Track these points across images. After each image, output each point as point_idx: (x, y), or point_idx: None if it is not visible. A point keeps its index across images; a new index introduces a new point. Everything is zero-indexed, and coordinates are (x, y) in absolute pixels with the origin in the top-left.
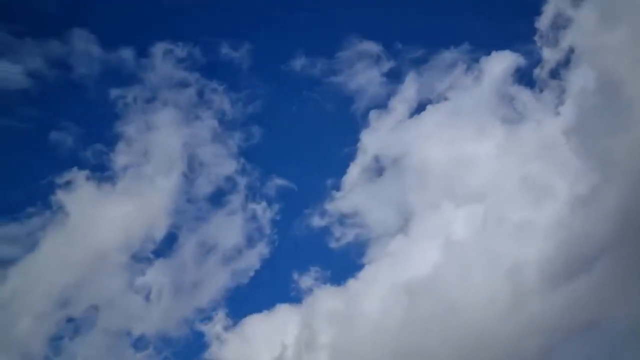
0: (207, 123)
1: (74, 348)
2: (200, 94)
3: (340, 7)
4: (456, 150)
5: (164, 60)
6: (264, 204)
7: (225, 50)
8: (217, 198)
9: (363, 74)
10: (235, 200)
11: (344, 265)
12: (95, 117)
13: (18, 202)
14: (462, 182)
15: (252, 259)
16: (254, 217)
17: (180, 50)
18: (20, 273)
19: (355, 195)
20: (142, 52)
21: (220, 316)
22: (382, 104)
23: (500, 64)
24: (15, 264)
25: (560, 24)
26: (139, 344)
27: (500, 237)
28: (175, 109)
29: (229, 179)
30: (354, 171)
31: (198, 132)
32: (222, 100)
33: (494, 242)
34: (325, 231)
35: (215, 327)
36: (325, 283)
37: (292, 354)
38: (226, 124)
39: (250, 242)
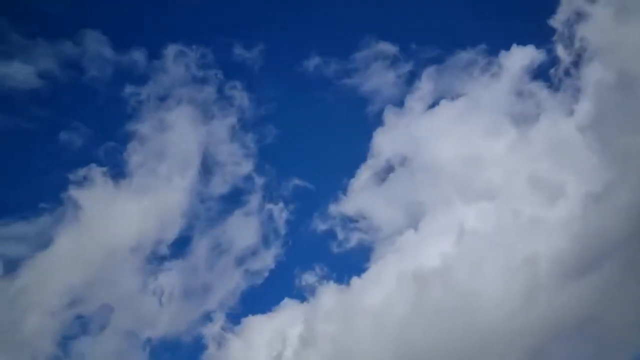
0: (221, 123)
1: (82, 347)
2: (213, 94)
3: (355, 7)
4: (470, 147)
5: (175, 62)
6: (280, 204)
7: (238, 50)
8: (232, 198)
9: (378, 75)
10: (250, 200)
11: (351, 264)
12: (106, 117)
13: (29, 202)
14: (475, 180)
15: (267, 260)
16: (268, 218)
17: (193, 52)
18: (32, 271)
19: (366, 196)
20: (154, 54)
21: (231, 316)
22: (397, 104)
23: (516, 62)
24: (26, 263)
25: (576, 21)
26: (149, 345)
27: (511, 234)
28: (188, 109)
29: (242, 179)
30: (366, 172)
31: (212, 132)
32: (236, 100)
33: (505, 239)
34: (337, 230)
35: (226, 327)
36: (335, 281)
37: (300, 350)
38: (240, 124)
39: (265, 242)
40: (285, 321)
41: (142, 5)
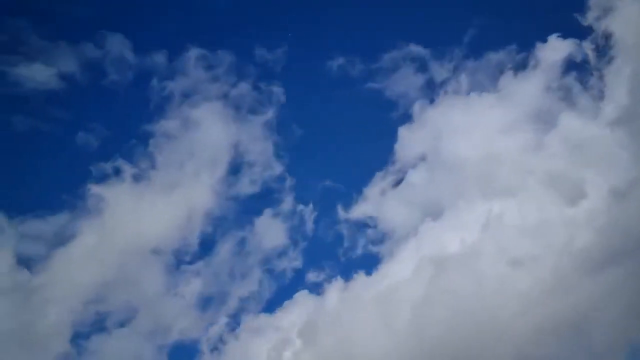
0: (244, 123)
1: (98, 346)
2: (234, 95)
3: (382, 9)
4: (494, 143)
5: (197, 64)
6: (310, 205)
7: (260, 52)
8: (256, 198)
9: (405, 78)
10: (272, 201)
11: (370, 260)
12: (128, 117)
13: (49, 200)
14: (499, 175)
15: (292, 261)
16: (294, 218)
17: (214, 54)
18: (51, 269)
19: (386, 196)
20: (176, 56)
21: (251, 314)
22: (424, 101)
23: (547, 57)
24: (45, 261)
25: (606, 17)
26: (167, 345)
27: (534, 229)
28: (211, 109)
29: (263, 179)
30: (387, 173)
31: (236, 132)
32: (258, 101)
33: (526, 234)
34: (356, 231)
35: (245, 325)
36: (349, 277)
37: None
38: (262, 125)
39: (292, 243)
40: (301, 317)
41: (164, 8)
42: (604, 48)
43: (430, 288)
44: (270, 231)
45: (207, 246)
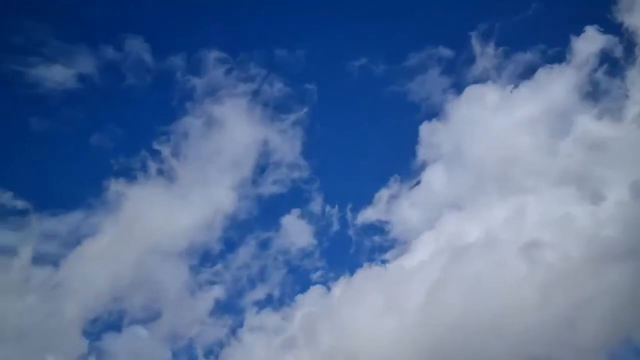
0: (263, 125)
1: (109, 346)
2: (255, 96)
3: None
4: (517, 139)
5: (216, 66)
6: (336, 207)
7: (281, 52)
8: (281, 198)
9: (430, 80)
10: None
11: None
12: (144, 120)
13: (68, 200)
14: (519, 172)
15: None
16: (312, 220)
17: (234, 57)
18: (65, 268)
19: (406, 196)
20: (195, 58)
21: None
22: (451, 98)
23: (583, 50)
24: (59, 260)
25: (630, 12)
26: (182, 346)
27: (553, 224)
28: (231, 109)
29: (290, 179)
30: (406, 174)
31: (257, 133)
32: (279, 102)
33: (543, 230)
34: (378, 229)
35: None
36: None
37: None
38: (280, 126)
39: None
40: (315, 313)
41: (183, 11)
42: (631, 45)
43: (444, 286)
44: (295, 232)
45: (229, 247)
